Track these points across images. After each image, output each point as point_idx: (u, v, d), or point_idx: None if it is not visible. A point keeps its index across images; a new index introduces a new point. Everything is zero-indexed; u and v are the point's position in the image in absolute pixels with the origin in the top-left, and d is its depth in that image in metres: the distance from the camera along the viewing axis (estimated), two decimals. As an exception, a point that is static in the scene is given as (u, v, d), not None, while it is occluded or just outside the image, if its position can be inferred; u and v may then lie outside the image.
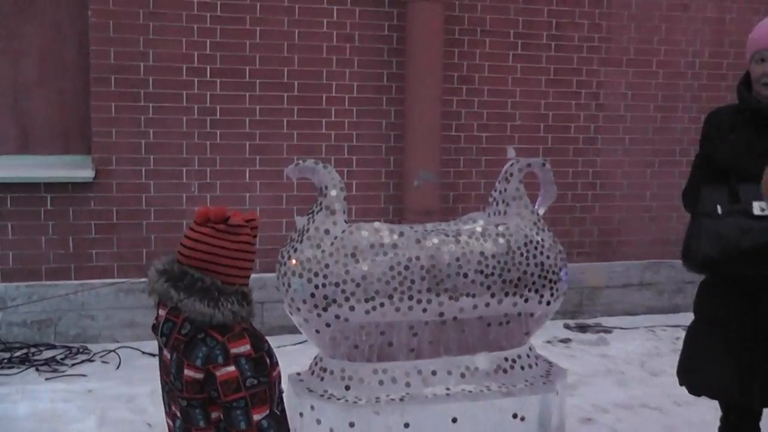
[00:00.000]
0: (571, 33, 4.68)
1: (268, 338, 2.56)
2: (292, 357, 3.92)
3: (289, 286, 2.53)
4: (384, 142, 4.48)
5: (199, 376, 1.62)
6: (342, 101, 4.37)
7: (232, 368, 1.59)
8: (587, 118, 4.79)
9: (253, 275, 4.09)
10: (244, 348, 1.61)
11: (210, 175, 4.23)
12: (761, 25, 2.24)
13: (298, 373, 2.82)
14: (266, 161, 4.29)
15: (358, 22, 4.34)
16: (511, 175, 2.79)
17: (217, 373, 1.59)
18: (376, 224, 2.60)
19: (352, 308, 2.49)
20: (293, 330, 4.28)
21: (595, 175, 4.86)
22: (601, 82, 4.79)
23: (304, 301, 2.51)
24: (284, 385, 3.32)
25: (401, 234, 2.56)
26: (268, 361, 1.66)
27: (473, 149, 4.62)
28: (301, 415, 2.57)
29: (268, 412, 1.61)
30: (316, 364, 2.75)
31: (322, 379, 2.63)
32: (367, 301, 2.48)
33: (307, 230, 2.55)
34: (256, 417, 1.59)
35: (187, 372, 1.63)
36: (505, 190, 2.78)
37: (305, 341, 4.16)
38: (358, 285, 2.48)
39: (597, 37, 4.72)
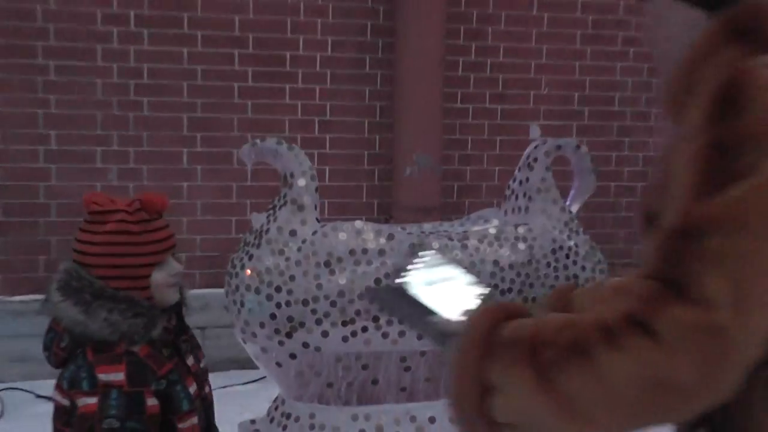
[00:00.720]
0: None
1: (211, 375, 2.63)
2: (244, 399, 4.09)
3: (242, 304, 2.58)
4: (367, 117, 4.62)
5: (66, 402, 1.65)
6: (312, 61, 4.51)
7: (93, 400, 1.60)
8: (637, 85, 4.94)
9: (193, 292, 4.14)
10: (116, 376, 1.62)
11: (134, 157, 4.33)
12: None
13: (252, 421, 2.87)
14: (210, 140, 4.42)
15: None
16: (536, 160, 2.89)
17: (78, 403, 1.62)
18: (358, 224, 2.66)
19: (325, 333, 2.54)
20: (246, 364, 4.39)
21: (646, 161, 5.01)
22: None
23: (262, 325, 2.55)
24: None
25: (390, 237, 2.62)
26: (147, 402, 1.66)
27: (485, 126, 4.78)
28: None
29: None
30: (276, 408, 2.80)
31: (284, 428, 2.69)
32: (345, 324, 2.52)
33: (267, 231, 2.60)
34: None
35: (54, 395, 1.67)
36: (527, 180, 2.86)
37: (261, 378, 4.33)
38: (333, 303, 2.53)
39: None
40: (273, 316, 2.53)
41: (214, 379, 4.07)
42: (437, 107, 4.48)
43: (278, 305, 2.53)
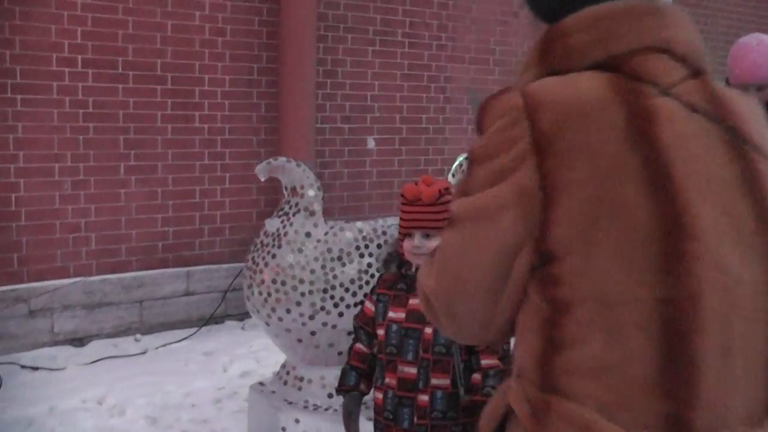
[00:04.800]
0: (422, 32, 6.33)
1: (147, 336, 2.96)
2: (181, 353, 4.97)
3: (269, 294, 2.81)
4: (255, 135, 5.67)
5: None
6: (215, 95, 5.48)
7: None
8: (436, 110, 6.50)
9: (129, 273, 5.10)
10: None
11: (83, 171, 5.05)
12: (757, 52, 2.75)
13: (262, 383, 3.12)
14: (141, 156, 5.23)
15: (230, 17, 5.49)
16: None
17: None
18: (359, 224, 2.94)
19: (340, 314, 2.80)
20: (174, 326, 5.40)
21: (443, 162, 6.58)
22: (448, 77, 6.53)
23: (289, 311, 2.80)
24: (245, 399, 3.89)
25: (384, 233, 2.92)
26: None
27: (336, 140, 6.03)
28: (283, 430, 2.86)
29: None
30: (288, 372, 3.03)
31: (299, 389, 2.94)
32: (356, 305, 2.74)
33: (286, 234, 2.83)
34: None
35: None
36: None
37: (190, 336, 5.30)
38: (346, 290, 2.79)
39: (444, 36, 6.45)
40: (299, 303, 2.77)
41: (154, 339, 5.12)
42: (311, 127, 5.63)
43: (302, 294, 2.77)
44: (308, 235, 2.87)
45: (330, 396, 2.93)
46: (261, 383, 3.15)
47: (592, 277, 1.15)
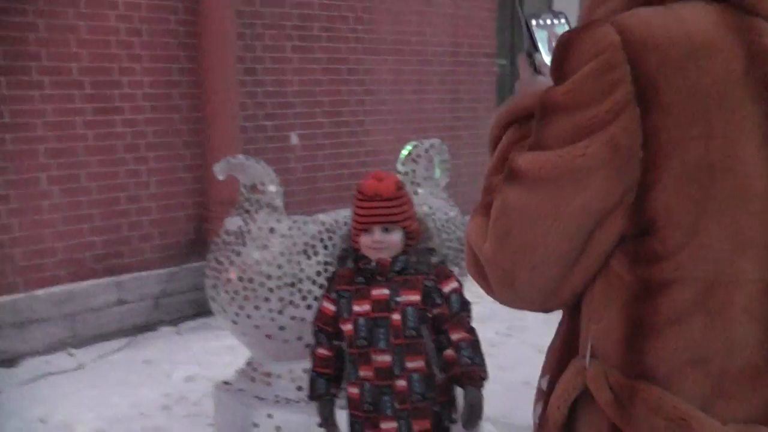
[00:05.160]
0: (339, 25, 6.33)
1: (81, 350, 2.92)
2: (120, 363, 4.84)
3: (236, 293, 2.79)
4: (179, 137, 5.55)
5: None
6: (135, 97, 5.32)
7: None
8: (356, 102, 6.52)
9: (59, 287, 4.95)
10: None
11: (3, 185, 4.81)
12: None
13: (227, 383, 3.09)
14: (63, 165, 5.03)
15: (145, 16, 5.33)
16: (419, 156, 3.29)
17: None
18: (321, 216, 2.98)
19: (308, 307, 2.80)
20: (109, 337, 5.24)
21: (366, 154, 6.64)
22: (367, 69, 6.56)
23: (257, 307, 2.78)
24: (195, 403, 3.98)
25: (345, 224, 2.90)
26: None
27: (260, 138, 5.95)
28: (255, 426, 2.85)
29: None
30: (255, 369, 3.02)
31: (268, 384, 2.94)
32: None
33: (249, 231, 2.81)
34: None
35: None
36: (414, 171, 3.24)
37: (125, 346, 5.16)
38: (313, 282, 2.81)
39: (360, 29, 6.47)
40: (267, 299, 2.77)
41: (89, 352, 4.96)
42: (237, 125, 5.57)
43: (270, 289, 2.76)
44: (272, 230, 2.86)
45: (299, 389, 2.93)
46: (226, 382, 3.13)
47: (697, 253, 1.03)
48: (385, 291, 2.36)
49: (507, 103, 1.29)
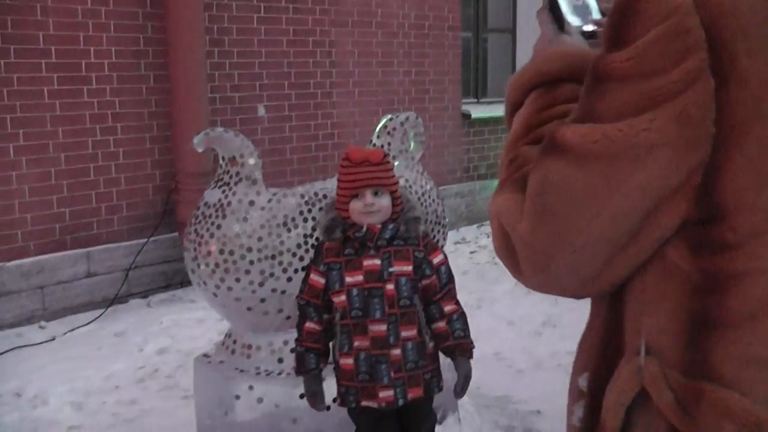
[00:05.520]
0: (305, -4, 6.32)
1: (52, 323, 2.73)
2: (90, 337, 4.83)
3: (217, 265, 2.78)
4: (146, 108, 5.48)
5: None
6: (102, 67, 5.24)
7: None
8: (323, 74, 6.51)
9: (28, 259, 4.89)
10: None
11: None
12: None
13: (206, 355, 3.09)
14: (31, 135, 4.94)
15: (111, -16, 5.26)
16: (394, 129, 3.25)
17: None
18: (300, 189, 2.94)
19: (289, 279, 2.81)
20: (78, 310, 5.20)
21: (333, 126, 6.65)
22: (333, 42, 6.54)
23: (238, 279, 2.78)
24: (168, 376, 3.98)
25: (324, 197, 2.91)
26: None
27: (228, 109, 5.92)
28: (237, 397, 2.86)
29: None
30: (234, 341, 3.01)
31: (248, 356, 2.93)
32: (303, 269, 2.70)
33: (229, 204, 2.78)
34: None
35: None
36: (389, 144, 3.19)
37: (97, 318, 5.12)
38: (294, 255, 2.79)
39: (327, 1, 6.42)
40: (248, 272, 2.77)
41: (60, 325, 4.93)
42: (204, 96, 5.51)
43: (251, 262, 2.75)
44: (252, 203, 2.84)
45: (280, 361, 2.96)
46: (205, 355, 3.12)
47: None
48: (377, 261, 2.39)
49: (527, 66, 1.18)
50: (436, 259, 2.48)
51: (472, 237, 7.45)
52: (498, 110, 8.07)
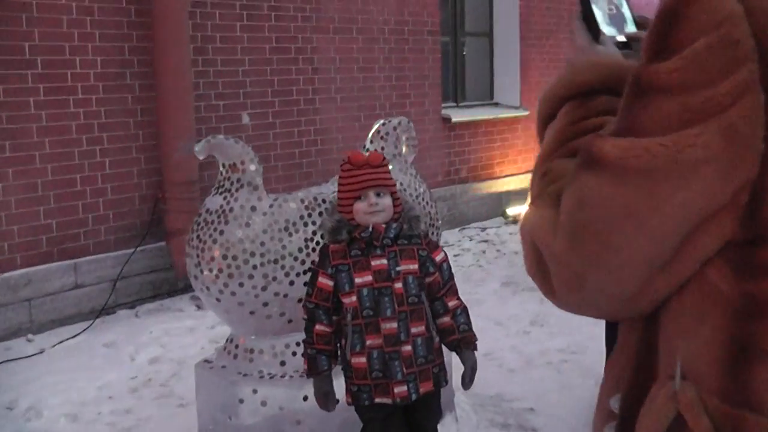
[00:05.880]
0: (287, 4, 6.29)
1: (40, 335, 2.63)
2: (77, 349, 4.77)
3: (220, 270, 2.81)
4: (132, 117, 5.46)
5: None
6: (87, 77, 5.21)
7: None
8: (306, 81, 6.52)
9: (15, 272, 4.83)
10: None
11: None
12: None
13: (207, 361, 3.11)
14: (17, 147, 4.91)
15: (95, -6, 5.24)
16: (387, 134, 3.31)
17: None
18: (300, 194, 2.99)
19: (291, 283, 2.85)
20: (65, 322, 5.16)
21: (316, 132, 6.66)
22: (315, 48, 6.56)
23: (242, 284, 2.81)
24: (162, 384, 3.97)
25: (324, 201, 2.97)
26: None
27: (213, 118, 5.91)
28: (241, 401, 2.88)
29: None
30: (236, 346, 3.04)
31: (251, 360, 2.96)
32: (305, 273, 2.79)
33: (231, 210, 2.82)
34: None
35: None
36: (383, 148, 3.25)
37: (84, 331, 5.05)
38: (295, 258, 2.83)
39: (309, 8, 6.45)
40: (251, 276, 2.81)
41: (48, 338, 4.88)
42: (190, 105, 5.50)
43: (254, 266, 2.78)
44: (254, 209, 2.89)
45: (282, 364, 3.00)
46: (207, 360, 3.15)
47: None
48: (384, 261, 2.47)
49: (560, 77, 1.15)
50: (438, 257, 2.58)
51: (454, 240, 7.49)
52: (478, 114, 8.20)
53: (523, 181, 6.86)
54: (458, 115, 7.94)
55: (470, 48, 8.51)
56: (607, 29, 1.16)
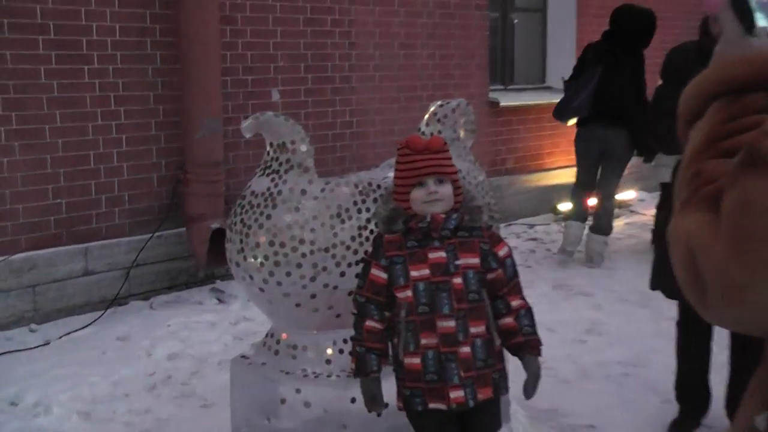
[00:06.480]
0: (323, -29, 6.30)
1: (44, 325, 2.62)
2: (86, 341, 4.79)
3: (266, 258, 2.83)
4: (152, 90, 5.45)
5: None
6: (104, 45, 5.20)
7: None
8: (342, 56, 6.48)
9: (18, 255, 4.86)
10: None
11: None
12: None
13: (245, 356, 3.12)
14: (25, 119, 4.91)
15: (117, -46, 5.24)
16: (445, 116, 3.31)
17: None
18: (353, 178, 2.99)
19: (342, 274, 2.86)
20: (71, 312, 5.18)
21: (351, 114, 6.62)
22: (353, 21, 6.51)
23: (289, 273, 2.83)
24: (183, 383, 3.99)
25: (378, 187, 2.98)
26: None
27: (240, 94, 5.89)
28: (282, 401, 2.91)
29: None
30: (278, 341, 3.06)
31: (294, 357, 2.98)
32: (357, 263, 2.79)
33: (279, 193, 2.84)
34: None
35: None
36: (439, 132, 3.22)
37: (93, 322, 5.08)
38: (347, 248, 2.84)
39: (346, -24, 6.44)
40: (299, 265, 2.81)
41: (53, 328, 4.91)
42: (217, 79, 5.48)
43: (303, 255, 2.80)
44: (304, 192, 2.90)
45: (328, 362, 3.00)
46: (244, 356, 3.14)
47: None
48: (442, 254, 2.47)
49: (708, 72, 1.15)
50: (502, 252, 2.57)
51: (499, 237, 7.46)
52: (527, 98, 8.13)
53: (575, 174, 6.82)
54: (506, 99, 7.87)
55: (521, 25, 8.43)
56: (762, 20, 1.14)
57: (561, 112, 6.65)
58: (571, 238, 6.68)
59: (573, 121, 6.65)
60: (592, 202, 6.77)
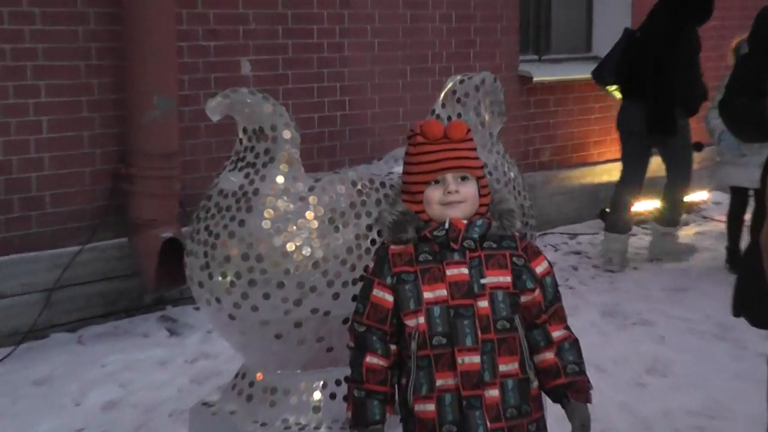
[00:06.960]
0: None
1: None
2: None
3: (238, 276, 2.85)
4: (84, 59, 5.34)
5: None
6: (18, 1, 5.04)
7: None
8: (331, 18, 6.33)
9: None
10: None
11: None
12: None
13: (206, 403, 3.16)
14: None
15: None
16: (467, 95, 3.32)
17: None
18: (351, 174, 3.00)
19: (336, 296, 2.88)
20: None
21: (343, 91, 6.46)
22: (345, -32, 6.37)
23: (267, 296, 2.84)
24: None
25: (382, 185, 2.99)
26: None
27: (199, 64, 5.77)
28: None
29: None
30: (251, 384, 3.09)
31: (272, 404, 3.01)
32: (355, 282, 2.82)
33: (256, 192, 2.86)
34: None
35: None
36: (459, 116, 3.26)
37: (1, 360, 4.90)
38: (343, 262, 2.86)
39: None
40: (281, 285, 2.82)
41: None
42: (172, 47, 5.38)
43: (286, 271, 2.81)
44: (287, 191, 2.88)
45: (316, 410, 3.02)
46: (206, 403, 3.14)
47: None
48: (464, 270, 2.46)
49: None
50: (540, 268, 2.55)
51: (532, 250, 7.41)
52: (568, 72, 8.15)
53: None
54: (541, 73, 7.83)
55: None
56: None
57: (598, 71, 6.87)
58: (608, 255, 6.79)
59: (614, 88, 6.73)
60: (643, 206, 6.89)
